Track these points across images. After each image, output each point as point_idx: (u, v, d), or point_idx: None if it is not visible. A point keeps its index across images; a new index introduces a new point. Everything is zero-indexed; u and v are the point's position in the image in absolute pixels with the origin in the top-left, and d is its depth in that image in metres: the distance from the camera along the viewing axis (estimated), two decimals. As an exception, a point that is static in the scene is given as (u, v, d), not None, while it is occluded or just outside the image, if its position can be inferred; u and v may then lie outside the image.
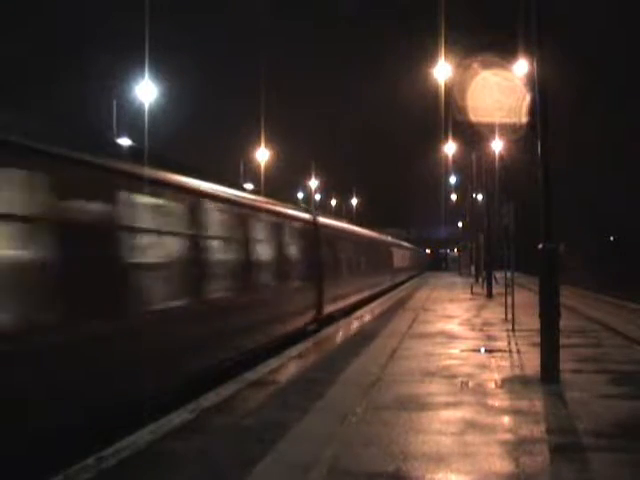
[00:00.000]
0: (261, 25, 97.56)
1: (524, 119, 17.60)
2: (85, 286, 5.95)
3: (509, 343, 11.93)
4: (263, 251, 11.86)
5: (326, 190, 73.68)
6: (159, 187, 7.61)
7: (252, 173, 44.61)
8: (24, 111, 6.15)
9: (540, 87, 8.51)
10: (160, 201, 7.77)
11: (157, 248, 7.56)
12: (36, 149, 5.45)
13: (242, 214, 10.93)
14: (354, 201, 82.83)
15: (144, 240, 7.20)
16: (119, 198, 6.61)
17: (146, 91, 26.52)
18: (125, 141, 12.96)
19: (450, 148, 38.15)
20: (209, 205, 9.31)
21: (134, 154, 7.84)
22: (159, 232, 7.61)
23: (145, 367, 6.69)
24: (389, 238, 41.43)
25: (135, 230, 6.95)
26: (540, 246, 8.22)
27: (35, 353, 5.24)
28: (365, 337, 13.25)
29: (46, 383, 5.32)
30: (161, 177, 7.80)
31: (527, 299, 18.72)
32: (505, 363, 9.74)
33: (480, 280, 32.62)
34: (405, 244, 54.59)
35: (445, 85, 23.22)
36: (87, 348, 5.84)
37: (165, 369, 7.20)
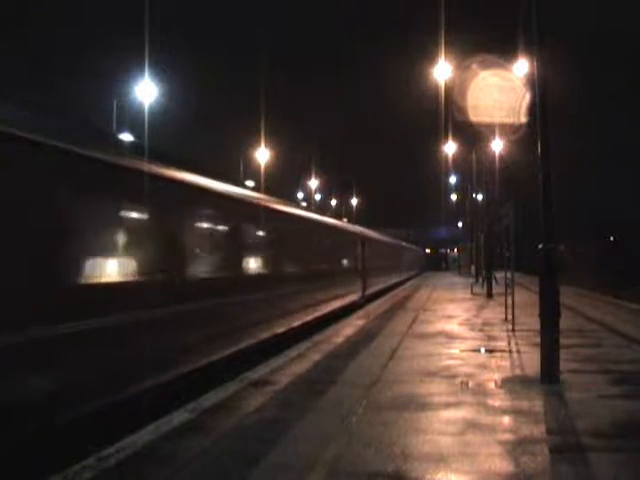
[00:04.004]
0: (261, 24, 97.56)
1: (524, 119, 17.59)
2: None
3: (509, 343, 11.92)
4: None
5: (326, 190, 73.69)
6: None
7: (252, 173, 44.59)
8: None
9: (540, 87, 8.51)
10: None
11: None
12: None
13: None
14: (354, 201, 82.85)
15: None
16: None
17: (146, 91, 26.50)
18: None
19: (450, 148, 38.11)
20: None
21: None
22: None
23: None
24: (357, 227, 29.31)
25: None
26: (540, 246, 8.22)
27: None
28: (365, 337, 13.25)
29: None
30: None
31: (527, 299, 18.72)
32: (505, 363, 9.74)
33: (480, 280, 32.60)
34: (390, 240, 43.12)
35: (445, 85, 23.24)
36: None
37: None
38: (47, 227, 6.01)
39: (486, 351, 11.12)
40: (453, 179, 57.83)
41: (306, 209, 22.91)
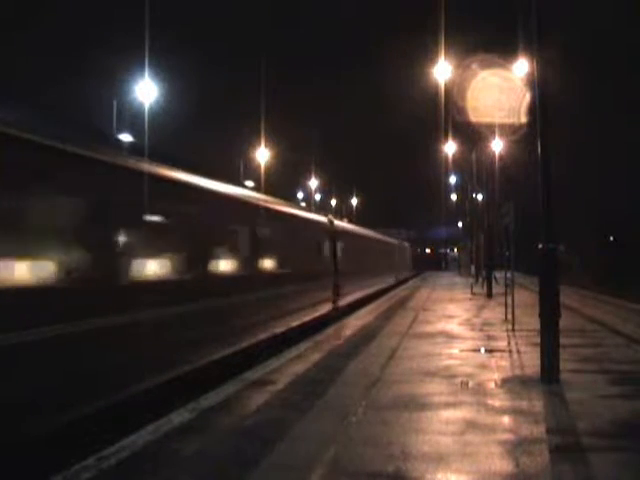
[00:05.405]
0: (261, 24, 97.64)
1: (524, 119, 17.59)
2: None
3: (509, 343, 11.92)
4: None
5: (326, 190, 73.64)
6: None
7: (252, 173, 44.56)
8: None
9: (540, 87, 8.51)
10: None
11: None
12: None
13: None
14: (354, 201, 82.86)
15: None
16: None
17: (146, 91, 26.49)
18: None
19: (450, 148, 38.11)
20: None
21: None
22: None
23: None
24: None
25: None
26: (540, 246, 8.22)
27: None
28: (365, 337, 13.25)
29: None
30: None
31: (527, 299, 18.73)
32: (505, 363, 9.73)
33: (480, 280, 32.60)
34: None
35: (445, 85, 23.24)
36: None
37: None
38: None
39: (486, 351, 11.12)
40: (453, 179, 57.85)
41: None
